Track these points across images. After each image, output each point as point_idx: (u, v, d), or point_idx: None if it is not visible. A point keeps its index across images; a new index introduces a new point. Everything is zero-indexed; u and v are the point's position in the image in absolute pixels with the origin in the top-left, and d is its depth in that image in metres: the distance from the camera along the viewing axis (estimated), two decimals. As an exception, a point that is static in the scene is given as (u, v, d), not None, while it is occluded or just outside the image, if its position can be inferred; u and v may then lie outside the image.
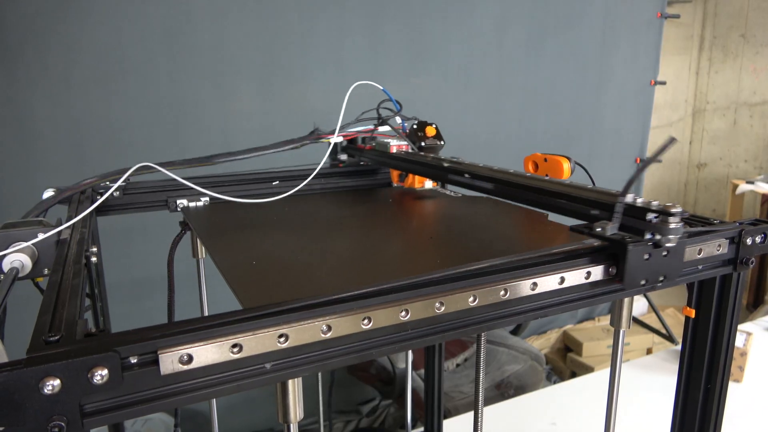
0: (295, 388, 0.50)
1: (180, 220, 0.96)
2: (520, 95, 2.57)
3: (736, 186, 3.74)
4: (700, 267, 0.64)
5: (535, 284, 0.54)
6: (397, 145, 1.07)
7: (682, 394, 0.72)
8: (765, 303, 3.31)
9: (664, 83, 3.01)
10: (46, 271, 0.61)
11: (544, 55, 2.57)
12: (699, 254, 0.63)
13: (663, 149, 0.55)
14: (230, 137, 1.97)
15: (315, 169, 1.03)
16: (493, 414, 1.61)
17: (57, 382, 0.35)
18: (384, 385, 2.09)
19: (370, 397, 2.35)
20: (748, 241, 0.65)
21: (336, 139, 1.09)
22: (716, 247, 0.64)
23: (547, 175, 0.92)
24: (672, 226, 0.55)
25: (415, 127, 1.09)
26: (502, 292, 0.52)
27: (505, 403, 1.75)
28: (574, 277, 0.56)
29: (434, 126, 1.08)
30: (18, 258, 0.59)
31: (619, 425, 0.78)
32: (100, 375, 0.36)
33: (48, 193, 0.86)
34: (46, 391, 0.35)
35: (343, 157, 1.18)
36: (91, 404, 0.38)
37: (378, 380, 2.09)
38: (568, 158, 0.90)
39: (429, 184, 1.05)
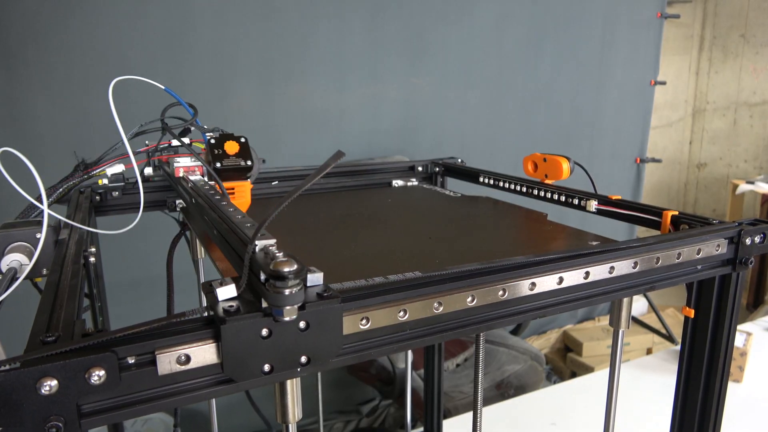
0: (293, 388, 0.50)
1: (179, 220, 0.96)
2: (520, 95, 2.57)
3: (736, 186, 3.74)
4: (699, 267, 0.64)
5: (533, 284, 0.54)
6: (186, 167, 0.81)
7: (681, 394, 0.72)
8: (765, 303, 3.31)
9: (664, 83, 3.01)
10: (44, 271, 0.61)
11: (544, 54, 2.57)
12: (698, 254, 0.63)
13: (331, 163, 0.42)
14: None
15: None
16: (493, 414, 1.61)
17: (54, 382, 0.35)
18: (384, 385, 2.09)
19: (370, 397, 2.34)
20: (748, 241, 0.65)
21: (115, 169, 0.83)
22: (715, 247, 0.64)
23: (546, 176, 0.92)
24: (287, 292, 0.38)
25: (212, 142, 0.80)
26: (501, 292, 0.52)
27: (505, 403, 1.75)
28: (572, 277, 0.56)
29: (241, 141, 0.80)
30: (16, 258, 0.59)
31: (619, 425, 0.78)
32: (98, 375, 0.36)
33: (47, 194, 0.86)
34: (43, 391, 0.35)
35: (149, 170, 0.92)
36: (89, 404, 0.38)
37: (378, 380, 2.09)
38: (568, 158, 0.90)
39: None
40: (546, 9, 2.52)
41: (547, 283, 0.55)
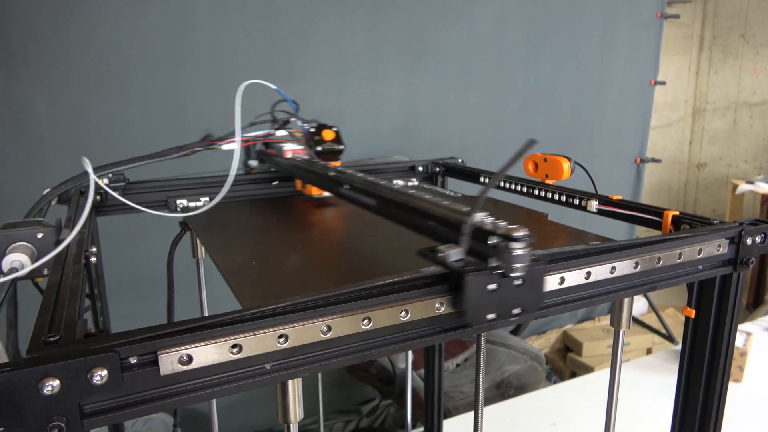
0: (294, 388, 0.50)
1: (180, 220, 0.96)
2: (520, 95, 2.57)
3: (736, 186, 3.74)
4: (700, 267, 0.64)
5: (534, 284, 0.54)
6: (293, 149, 1.00)
7: (682, 394, 0.72)
8: (765, 303, 3.31)
9: (664, 83, 3.01)
10: (45, 272, 0.61)
11: (544, 55, 2.57)
12: (699, 254, 0.63)
13: (522, 151, 0.48)
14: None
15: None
16: (493, 414, 1.61)
17: (56, 382, 0.35)
18: (384, 385, 2.09)
19: (370, 397, 2.35)
20: (748, 241, 0.65)
21: (231, 145, 0.96)
22: (716, 247, 0.64)
23: (546, 176, 0.92)
24: (516, 253, 0.46)
25: (312, 130, 1.01)
26: (502, 293, 0.52)
27: (505, 403, 1.75)
28: (573, 277, 0.56)
29: (334, 129, 1.01)
30: (17, 258, 0.59)
31: (619, 425, 0.78)
32: (100, 375, 0.36)
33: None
34: (45, 391, 0.35)
35: (254, 163, 1.09)
36: (91, 405, 0.38)
37: (378, 380, 2.09)
38: (568, 158, 0.90)
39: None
40: (546, 9, 2.52)
41: (548, 283, 0.55)
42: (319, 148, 0.98)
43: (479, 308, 0.48)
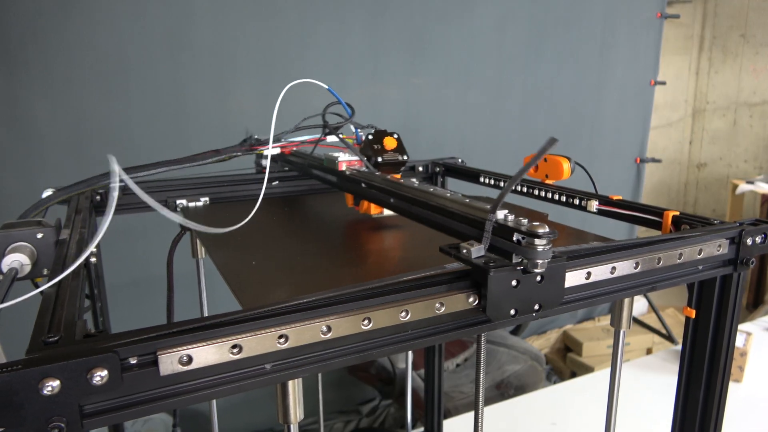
0: (295, 388, 0.50)
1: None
2: (520, 95, 2.57)
3: (736, 186, 3.74)
4: (700, 267, 0.64)
5: (535, 284, 0.54)
6: (347, 161, 0.87)
7: (682, 394, 0.72)
8: (765, 303, 3.31)
9: (664, 83, 3.01)
10: (45, 272, 0.61)
11: (544, 55, 2.57)
12: (699, 254, 0.63)
13: (544, 150, 0.49)
14: (230, 137, 1.96)
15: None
16: (493, 414, 1.61)
17: (56, 383, 0.35)
18: (384, 385, 2.09)
19: (370, 397, 2.35)
20: (749, 241, 0.65)
21: (271, 151, 0.91)
22: (716, 248, 0.64)
23: (547, 176, 0.92)
24: (539, 249, 0.46)
25: (370, 137, 0.87)
26: (503, 293, 0.52)
27: (505, 403, 1.75)
28: (574, 277, 0.56)
29: (396, 136, 0.87)
30: (17, 258, 0.59)
31: (619, 425, 0.78)
32: (100, 376, 0.36)
33: (47, 193, 0.86)
34: (45, 392, 0.35)
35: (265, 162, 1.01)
36: (91, 405, 0.38)
37: (378, 380, 2.09)
38: (568, 158, 0.90)
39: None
40: (546, 9, 2.52)
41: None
42: (380, 159, 0.85)
43: (501, 304, 0.48)
